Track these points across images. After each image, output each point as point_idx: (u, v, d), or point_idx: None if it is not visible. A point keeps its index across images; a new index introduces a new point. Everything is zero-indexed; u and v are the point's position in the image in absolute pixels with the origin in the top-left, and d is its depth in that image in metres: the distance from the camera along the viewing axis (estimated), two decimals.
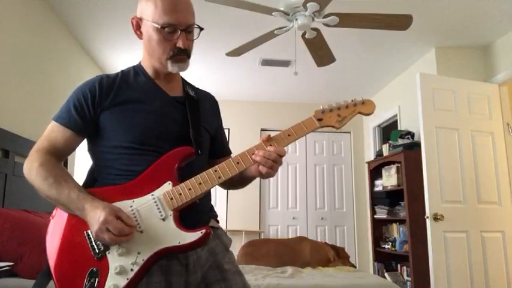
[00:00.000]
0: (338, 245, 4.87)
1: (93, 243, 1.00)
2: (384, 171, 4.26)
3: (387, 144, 4.25)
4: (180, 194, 1.03)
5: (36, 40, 3.04)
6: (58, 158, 1.11)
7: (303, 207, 5.52)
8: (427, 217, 3.03)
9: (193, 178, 1.05)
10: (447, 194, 3.12)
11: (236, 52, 3.10)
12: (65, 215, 1.05)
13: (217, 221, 1.26)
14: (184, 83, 1.28)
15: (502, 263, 3.17)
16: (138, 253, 0.99)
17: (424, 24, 3.34)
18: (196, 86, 1.36)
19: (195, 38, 1.16)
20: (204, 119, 1.22)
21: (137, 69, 1.24)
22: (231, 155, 1.32)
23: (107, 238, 0.95)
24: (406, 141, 3.93)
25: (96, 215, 0.96)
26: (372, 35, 3.45)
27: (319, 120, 1.15)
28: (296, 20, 2.65)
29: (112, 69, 4.50)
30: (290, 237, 4.78)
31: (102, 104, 1.11)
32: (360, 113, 1.20)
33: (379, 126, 5.32)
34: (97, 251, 1.00)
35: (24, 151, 2.75)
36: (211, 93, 1.39)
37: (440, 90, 3.31)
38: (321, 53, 3.06)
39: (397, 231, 4.16)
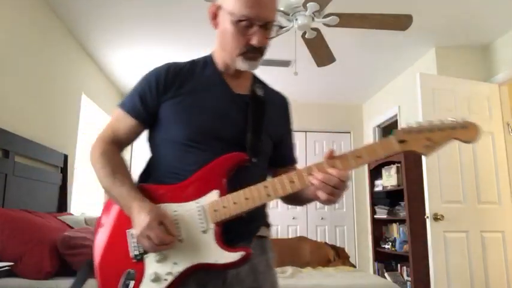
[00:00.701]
0: (338, 245, 4.87)
1: (133, 244, 0.98)
2: (383, 171, 4.26)
3: None
4: (225, 207, 0.95)
5: (36, 40, 3.04)
6: (120, 146, 1.10)
7: (302, 207, 5.52)
8: (427, 217, 3.03)
9: (241, 191, 0.95)
10: (447, 194, 3.12)
11: None
12: (114, 210, 1.04)
13: (269, 229, 1.17)
14: (255, 81, 1.18)
15: (502, 263, 3.17)
16: (175, 263, 0.94)
17: (424, 24, 3.34)
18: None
19: (271, 36, 1.06)
20: (268, 123, 1.10)
21: (207, 61, 1.14)
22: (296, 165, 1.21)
23: (146, 244, 0.92)
24: None
25: (140, 218, 0.92)
26: (372, 35, 3.45)
27: (402, 142, 0.95)
28: (296, 20, 2.65)
29: (112, 69, 4.51)
30: (290, 237, 4.78)
31: (165, 94, 1.06)
32: (456, 138, 0.97)
33: (379, 126, 5.32)
34: (136, 253, 0.97)
35: (24, 151, 2.76)
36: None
37: (440, 90, 3.31)
38: (321, 53, 3.06)
39: (397, 231, 4.16)
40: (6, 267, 1.89)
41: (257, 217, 1.07)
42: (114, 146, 1.08)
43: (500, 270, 3.15)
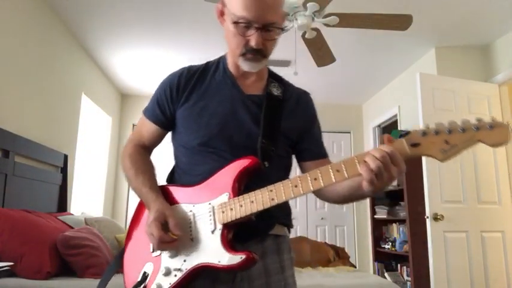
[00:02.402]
0: (338, 245, 4.86)
1: None
2: None
3: None
4: (232, 209, 0.96)
5: (36, 40, 3.04)
6: (146, 149, 1.17)
7: (303, 207, 5.52)
8: (427, 217, 3.03)
9: (248, 194, 0.96)
10: (447, 194, 3.12)
11: None
12: (144, 207, 1.09)
13: (288, 229, 1.16)
14: (272, 80, 1.16)
15: (502, 263, 3.17)
16: (184, 260, 0.99)
17: (424, 24, 3.34)
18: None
19: (275, 37, 1.03)
20: (285, 123, 1.09)
21: (220, 62, 1.15)
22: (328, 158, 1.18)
23: (151, 241, 0.99)
24: None
25: (149, 216, 0.99)
26: (372, 35, 3.45)
27: (414, 145, 0.83)
28: (296, 20, 2.65)
29: (112, 69, 4.51)
30: (290, 237, 4.77)
31: (178, 99, 1.10)
32: (481, 141, 0.81)
33: (379, 126, 5.32)
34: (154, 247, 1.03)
35: (24, 151, 2.76)
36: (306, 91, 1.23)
37: (440, 90, 3.31)
38: (321, 53, 3.06)
39: (397, 231, 4.16)
40: (6, 267, 1.89)
41: (271, 215, 1.03)
42: (141, 149, 1.16)
43: (500, 270, 3.15)
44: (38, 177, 2.92)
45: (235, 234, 0.99)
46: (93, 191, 4.51)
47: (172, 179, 1.16)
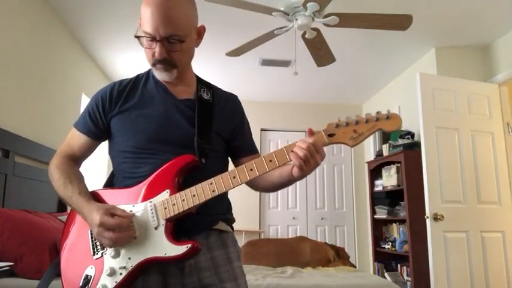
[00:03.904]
0: (338, 245, 4.87)
1: (93, 242, 1.07)
2: (383, 171, 4.26)
3: (387, 144, 4.25)
4: (174, 204, 1.03)
5: (36, 40, 3.04)
6: (75, 160, 1.21)
7: (303, 207, 5.52)
8: (427, 217, 3.03)
9: (189, 189, 1.04)
10: (447, 194, 3.12)
11: (236, 52, 3.10)
12: (77, 214, 1.12)
13: (231, 226, 1.23)
14: (201, 85, 1.25)
15: (502, 263, 3.17)
16: (129, 258, 1.03)
17: (424, 24, 3.34)
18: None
19: (179, 49, 1.09)
20: (217, 124, 1.19)
21: (150, 74, 1.23)
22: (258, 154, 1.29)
23: (109, 238, 0.99)
24: (406, 141, 3.93)
25: (93, 218, 1.01)
26: (371, 35, 3.45)
27: (331, 135, 1.02)
28: (296, 20, 2.65)
29: (111, 69, 4.51)
30: (290, 237, 4.78)
31: (111, 111, 1.16)
32: (381, 129, 1.03)
33: None
34: (95, 250, 1.06)
35: (24, 151, 2.76)
36: (233, 94, 1.33)
37: (440, 90, 3.31)
38: (321, 53, 3.06)
39: (397, 231, 4.16)
40: (6, 267, 1.89)
41: (213, 212, 1.14)
42: (69, 159, 1.19)
43: (500, 270, 3.15)
44: (38, 177, 2.92)
45: (181, 230, 1.05)
46: None
47: (110, 186, 1.20)
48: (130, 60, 4.25)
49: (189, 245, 1.00)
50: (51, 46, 3.29)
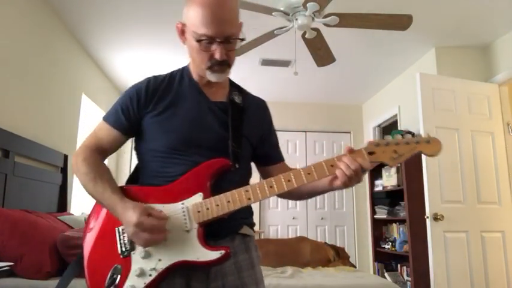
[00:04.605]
0: (338, 245, 4.87)
1: (121, 240, 1.04)
2: (383, 171, 4.26)
3: None
4: (208, 208, 1.02)
5: (36, 40, 3.04)
6: (102, 155, 1.16)
7: (303, 207, 5.52)
8: (427, 217, 3.03)
9: (223, 194, 1.03)
10: (447, 194, 3.12)
11: (236, 52, 3.10)
12: (103, 210, 1.10)
13: (253, 229, 1.22)
14: (233, 88, 1.25)
15: (502, 263, 3.17)
16: (159, 260, 1.01)
17: (424, 24, 3.34)
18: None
19: (235, 48, 1.12)
20: (247, 129, 1.18)
21: (184, 72, 1.22)
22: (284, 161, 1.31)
23: (144, 239, 0.97)
24: None
25: (128, 217, 0.98)
26: (372, 35, 3.45)
27: (371, 154, 1.05)
28: (296, 20, 2.65)
29: (112, 69, 4.51)
30: (290, 237, 4.78)
31: (146, 107, 1.13)
32: (421, 152, 1.05)
33: (379, 126, 5.32)
34: (123, 249, 1.03)
35: (24, 151, 2.76)
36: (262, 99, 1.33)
37: (440, 90, 3.31)
38: (321, 53, 3.06)
39: (397, 231, 4.16)
40: (6, 267, 1.89)
41: (238, 216, 1.12)
42: (96, 153, 1.14)
43: (500, 270, 3.15)
44: (38, 177, 2.92)
45: (208, 234, 1.04)
46: None
47: (134, 183, 1.18)
48: (130, 60, 4.25)
49: (222, 252, 1.00)
50: (51, 46, 3.29)
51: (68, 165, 3.42)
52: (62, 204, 3.29)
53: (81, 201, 4.05)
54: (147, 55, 4.08)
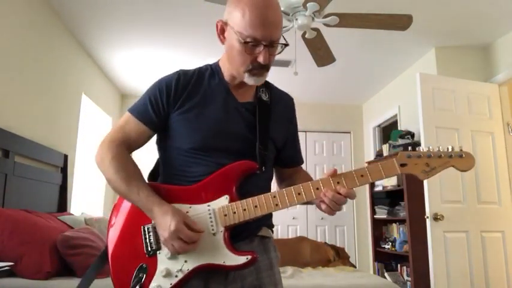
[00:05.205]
0: (338, 245, 4.87)
1: (147, 240, 1.03)
2: None
3: (387, 144, 4.25)
4: (235, 212, 1.01)
5: (36, 40, 3.04)
6: (130, 149, 1.13)
7: (302, 207, 5.52)
8: (427, 217, 3.03)
9: (250, 199, 1.02)
10: (447, 194, 3.12)
11: None
12: (127, 207, 1.09)
13: (272, 230, 1.21)
14: (259, 86, 1.20)
15: (502, 263, 3.17)
16: (185, 261, 1.00)
17: (424, 24, 3.34)
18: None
19: (277, 52, 1.10)
20: (273, 131, 1.15)
21: (214, 70, 1.18)
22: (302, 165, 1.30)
23: (176, 246, 0.97)
24: (406, 141, 3.93)
25: (166, 222, 0.97)
26: (372, 35, 3.45)
27: (403, 165, 1.01)
28: (296, 20, 2.65)
29: (112, 69, 4.51)
30: (290, 237, 4.78)
31: (175, 103, 1.10)
32: (453, 166, 1.04)
33: (379, 126, 5.32)
34: (149, 249, 1.02)
35: (24, 151, 2.76)
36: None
37: (440, 90, 3.31)
38: (321, 53, 3.06)
39: (397, 231, 4.16)
40: (6, 267, 1.89)
41: (260, 218, 1.09)
42: (125, 149, 1.10)
43: (500, 270, 3.15)
44: (38, 177, 2.92)
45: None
46: (93, 191, 4.51)
47: (155, 177, 1.17)
48: (130, 60, 4.25)
49: (249, 257, 0.99)
50: (51, 46, 3.29)
51: (68, 165, 3.42)
52: (62, 204, 3.29)
53: (81, 201, 4.05)
54: (147, 55, 4.08)
